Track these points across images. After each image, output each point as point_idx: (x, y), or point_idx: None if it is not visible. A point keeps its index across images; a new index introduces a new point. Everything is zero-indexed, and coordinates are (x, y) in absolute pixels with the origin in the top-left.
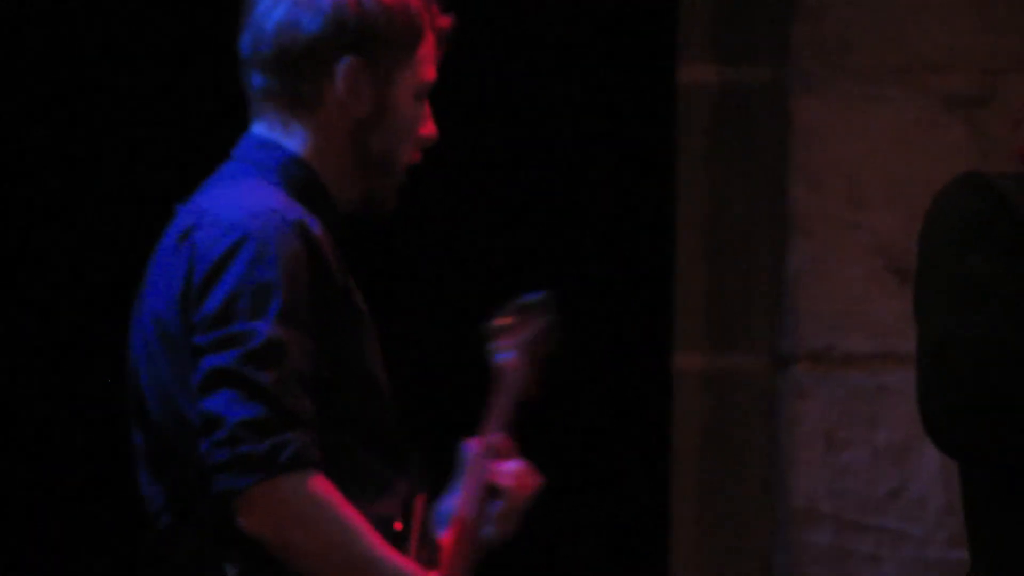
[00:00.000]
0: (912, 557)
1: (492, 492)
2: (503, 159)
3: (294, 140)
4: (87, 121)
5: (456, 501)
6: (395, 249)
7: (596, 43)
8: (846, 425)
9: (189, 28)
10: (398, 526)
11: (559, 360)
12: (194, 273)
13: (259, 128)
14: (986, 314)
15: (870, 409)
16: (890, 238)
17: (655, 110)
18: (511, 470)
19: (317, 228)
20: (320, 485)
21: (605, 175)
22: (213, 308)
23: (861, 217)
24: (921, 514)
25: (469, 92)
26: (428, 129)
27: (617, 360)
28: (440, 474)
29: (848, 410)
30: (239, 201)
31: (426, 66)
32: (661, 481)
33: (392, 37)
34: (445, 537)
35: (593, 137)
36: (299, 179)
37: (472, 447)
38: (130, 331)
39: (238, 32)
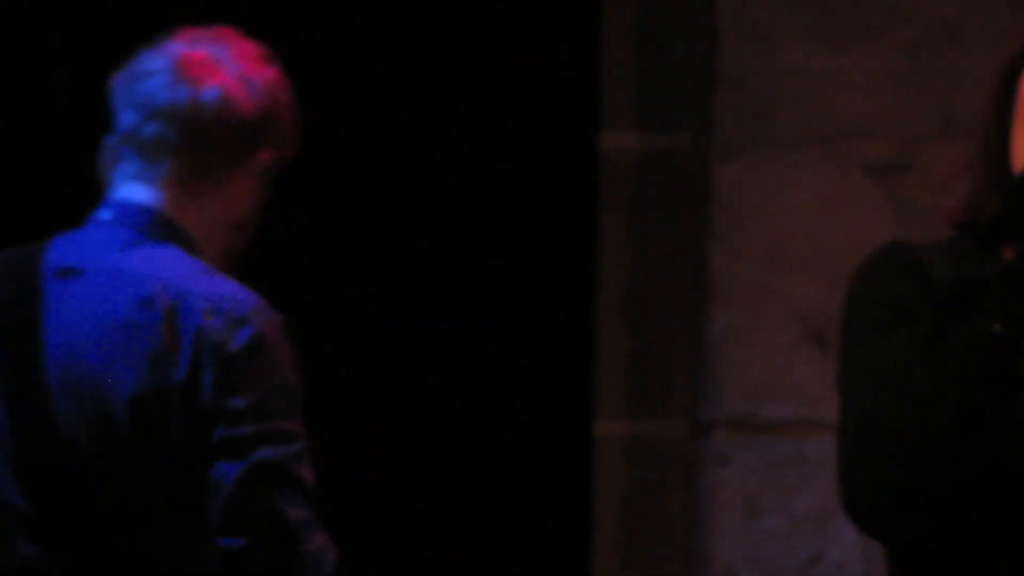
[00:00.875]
0: None
1: None
2: (423, 226)
3: (188, 213)
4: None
5: None
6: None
7: (519, 110)
8: (766, 492)
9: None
10: None
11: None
12: (206, 365)
13: (144, 193)
14: (909, 400)
15: (790, 476)
16: (811, 305)
17: (578, 176)
18: None
19: None
20: None
21: (527, 241)
22: (246, 403)
23: (782, 284)
24: None
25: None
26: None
27: (538, 427)
28: None
29: (768, 477)
30: (213, 281)
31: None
32: (582, 549)
33: (286, 135)
34: None
35: (516, 203)
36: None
37: None
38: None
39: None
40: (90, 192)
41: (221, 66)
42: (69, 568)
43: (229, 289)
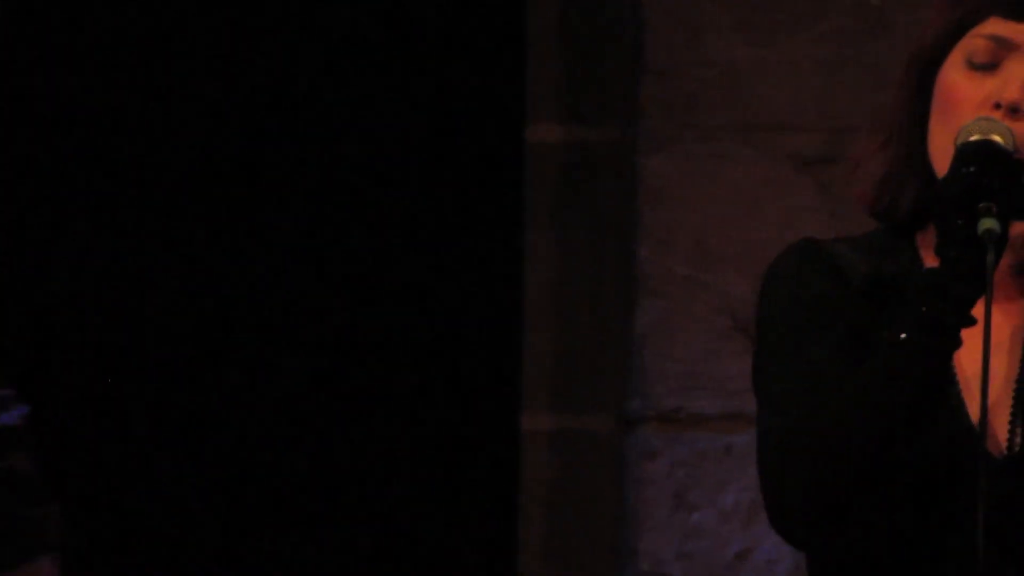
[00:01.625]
0: None
1: None
2: (348, 218)
3: None
4: None
5: None
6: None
7: (444, 104)
8: (694, 487)
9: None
10: None
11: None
12: None
13: None
14: (832, 410)
15: (718, 470)
16: (738, 298)
17: (503, 169)
18: None
19: None
20: None
21: (453, 235)
22: None
23: (709, 277)
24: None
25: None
26: None
27: (463, 422)
28: None
29: (696, 471)
30: None
31: None
32: (508, 543)
33: None
34: None
35: (441, 197)
36: None
37: None
38: None
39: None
40: None
41: None
42: None
43: None
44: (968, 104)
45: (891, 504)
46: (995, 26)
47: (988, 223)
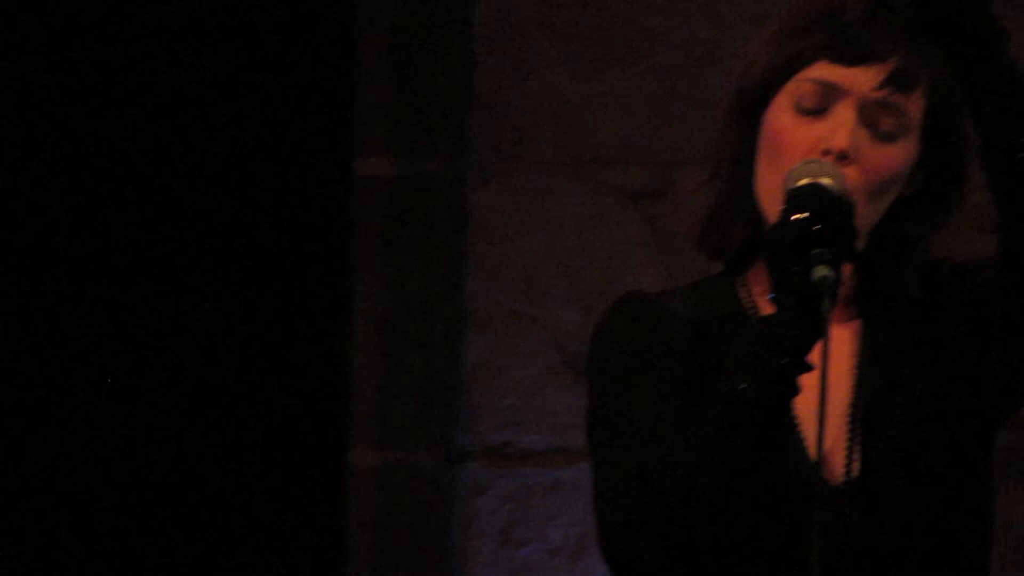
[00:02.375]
0: None
1: None
2: (174, 251)
3: None
4: None
5: None
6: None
7: (272, 137)
8: (522, 522)
9: None
10: None
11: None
12: None
13: None
14: (667, 462)
15: (546, 505)
16: (567, 332)
17: (332, 203)
18: None
19: None
20: None
21: (281, 268)
22: None
23: (538, 311)
24: None
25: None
26: None
27: (289, 457)
28: None
29: (524, 507)
30: None
31: None
32: None
33: None
34: None
35: (270, 231)
36: None
37: None
38: None
39: None
40: None
41: None
42: None
43: None
44: (796, 150)
45: (735, 542)
46: (822, 70)
47: (822, 270)
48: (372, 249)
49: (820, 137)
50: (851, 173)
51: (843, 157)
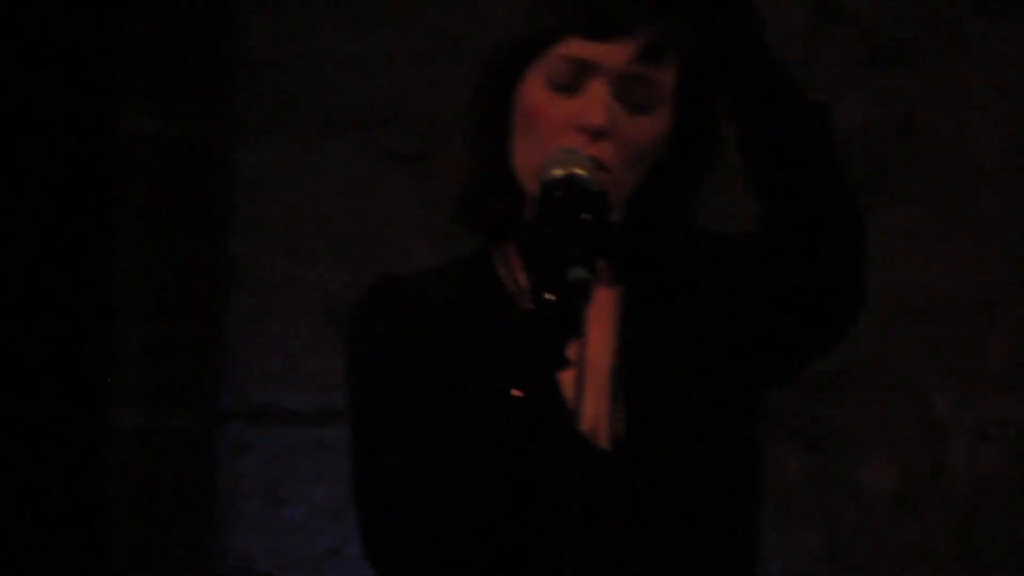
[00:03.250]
0: None
1: None
2: None
3: None
4: None
5: None
6: None
7: (33, 98)
8: (286, 482)
9: None
10: None
11: None
12: None
13: None
14: (429, 455)
15: (310, 465)
16: (333, 292)
17: (94, 163)
18: None
19: None
20: None
21: (42, 230)
22: None
23: (304, 272)
24: (362, 571)
25: None
26: None
27: (50, 417)
28: None
29: (288, 467)
30: None
31: None
32: (94, 540)
33: None
34: None
35: (29, 192)
36: None
37: None
38: None
39: None
40: None
41: None
42: None
43: None
44: (551, 126)
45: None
46: (573, 46)
47: (578, 271)
48: (136, 208)
49: (575, 114)
50: (608, 147)
51: (600, 133)
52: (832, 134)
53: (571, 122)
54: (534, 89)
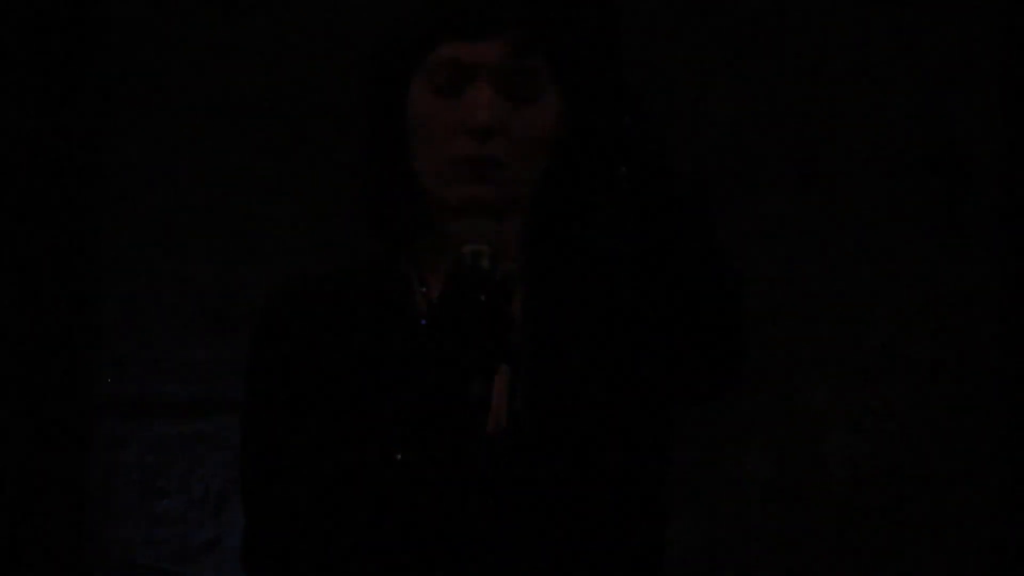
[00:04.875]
0: None
1: None
2: None
3: None
4: None
5: None
6: None
7: None
8: (162, 474)
9: None
10: None
11: None
12: None
13: None
14: (299, 452)
15: (187, 457)
16: (206, 284)
17: None
18: None
19: None
20: None
21: None
22: None
23: (176, 263)
24: (237, 565)
25: None
26: None
27: None
28: None
29: (164, 459)
30: None
31: None
32: None
33: None
34: None
35: None
36: None
37: None
38: None
39: None
40: None
41: None
42: None
43: None
44: (442, 131)
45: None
46: (450, 49)
47: (476, 387)
48: (5, 200)
49: (462, 117)
50: (500, 144)
51: (487, 133)
52: (707, 206)
53: (459, 127)
54: (420, 95)
